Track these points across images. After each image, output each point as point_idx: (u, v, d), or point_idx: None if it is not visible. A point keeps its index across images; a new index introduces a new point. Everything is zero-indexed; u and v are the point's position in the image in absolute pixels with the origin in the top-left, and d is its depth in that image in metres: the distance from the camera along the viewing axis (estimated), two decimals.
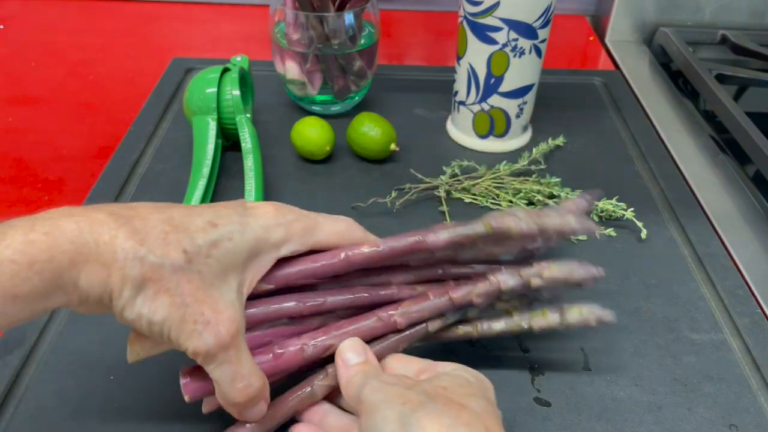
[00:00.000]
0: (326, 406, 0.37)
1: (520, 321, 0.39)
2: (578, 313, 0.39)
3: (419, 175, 0.58)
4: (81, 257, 0.28)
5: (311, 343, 0.36)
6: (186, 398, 0.34)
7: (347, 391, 0.34)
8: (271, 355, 0.36)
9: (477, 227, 0.38)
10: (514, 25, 0.55)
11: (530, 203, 0.56)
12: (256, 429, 0.36)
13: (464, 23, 0.58)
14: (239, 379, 0.32)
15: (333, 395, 0.38)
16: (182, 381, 0.34)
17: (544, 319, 0.39)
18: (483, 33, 0.57)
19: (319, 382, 0.37)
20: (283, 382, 0.37)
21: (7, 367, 0.41)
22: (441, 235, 0.38)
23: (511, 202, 0.56)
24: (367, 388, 0.32)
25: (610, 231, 0.53)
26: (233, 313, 0.31)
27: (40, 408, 0.39)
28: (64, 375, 0.41)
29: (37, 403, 0.40)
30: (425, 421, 0.28)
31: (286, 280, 0.37)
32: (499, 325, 0.39)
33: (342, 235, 0.37)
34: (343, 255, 0.37)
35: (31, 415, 0.39)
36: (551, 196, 0.55)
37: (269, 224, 0.34)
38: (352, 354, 0.35)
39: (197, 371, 0.34)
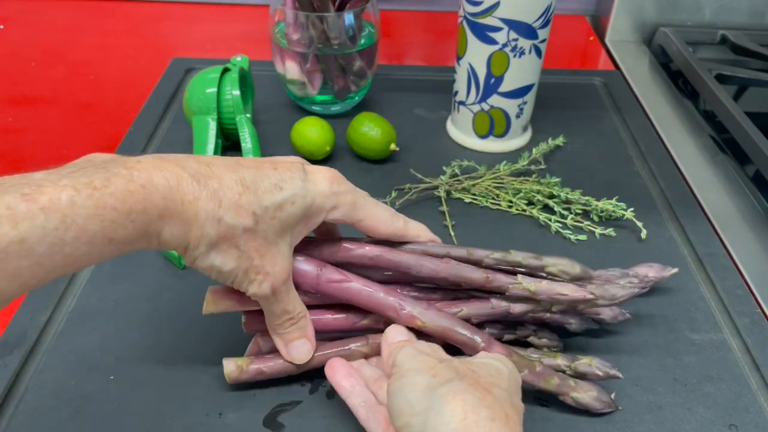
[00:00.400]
0: (362, 360, 0.40)
1: (532, 355, 0.41)
2: (588, 363, 0.40)
3: (419, 175, 0.58)
4: (168, 212, 0.31)
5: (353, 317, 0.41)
6: (245, 330, 0.40)
7: (388, 362, 0.36)
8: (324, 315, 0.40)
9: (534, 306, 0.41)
10: (514, 25, 0.55)
11: (530, 203, 0.56)
12: (286, 365, 0.39)
13: (464, 23, 0.58)
14: (285, 313, 0.37)
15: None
16: (243, 317, 0.40)
17: (554, 360, 0.41)
18: (483, 33, 0.57)
19: (357, 347, 0.40)
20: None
21: (7, 367, 0.41)
22: (508, 290, 0.40)
23: (511, 202, 0.56)
24: (401, 353, 0.34)
25: (610, 231, 0.53)
26: (287, 265, 0.36)
27: (40, 408, 0.39)
28: (64, 375, 0.41)
29: (37, 403, 0.40)
30: (450, 397, 0.30)
31: (358, 261, 0.40)
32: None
33: (384, 222, 0.39)
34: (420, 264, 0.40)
35: (31, 415, 0.39)
36: (551, 196, 0.55)
37: (326, 192, 0.37)
38: (396, 333, 0.38)
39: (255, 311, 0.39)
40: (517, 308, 0.40)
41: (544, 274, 0.41)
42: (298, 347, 0.39)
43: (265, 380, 0.40)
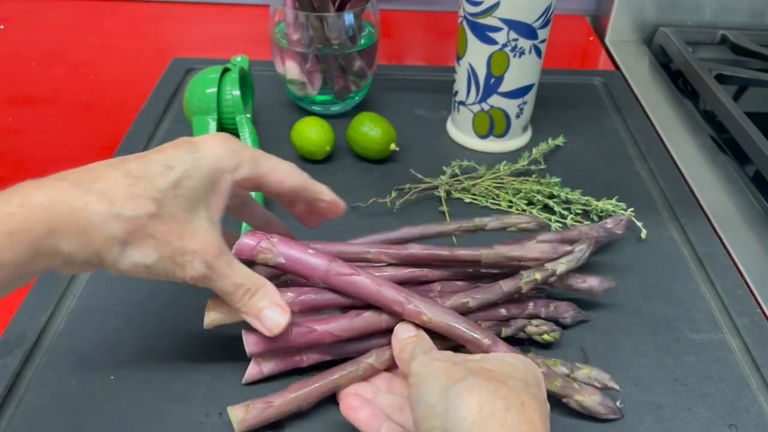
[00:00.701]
0: (376, 388, 0.39)
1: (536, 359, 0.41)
2: (587, 373, 0.41)
3: (419, 175, 0.58)
4: (57, 226, 0.30)
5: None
6: (248, 352, 0.39)
7: (400, 358, 0.37)
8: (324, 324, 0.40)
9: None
10: (514, 25, 0.55)
11: (530, 203, 0.56)
12: (297, 397, 0.38)
13: (464, 23, 0.58)
14: (238, 286, 0.36)
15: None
16: (245, 338, 0.39)
17: (554, 368, 0.41)
18: (483, 33, 0.57)
19: (365, 361, 0.39)
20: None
21: (7, 367, 0.41)
22: (481, 258, 0.42)
23: (511, 202, 0.56)
24: (415, 362, 0.34)
25: None
26: (212, 237, 0.35)
27: (40, 408, 0.39)
28: (64, 375, 0.41)
29: (37, 403, 0.40)
30: (465, 393, 0.30)
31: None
32: None
33: (289, 174, 0.39)
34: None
35: (31, 415, 0.39)
36: (551, 196, 0.55)
37: (220, 153, 0.36)
38: (404, 330, 0.38)
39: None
40: (525, 285, 0.42)
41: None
42: (268, 316, 0.37)
43: (276, 420, 0.38)
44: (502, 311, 0.43)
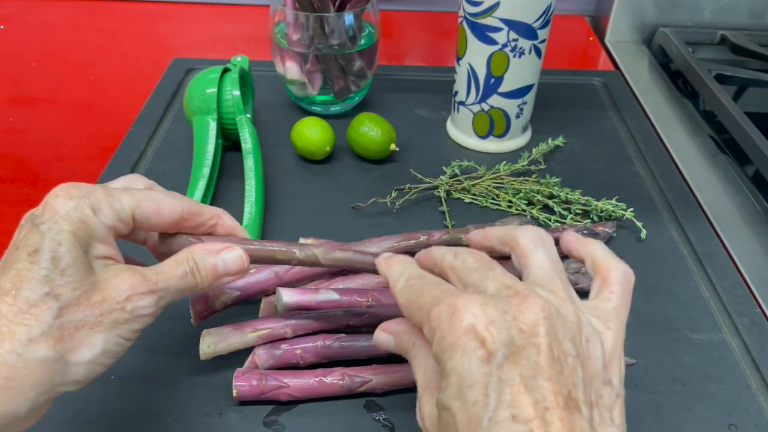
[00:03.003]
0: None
1: None
2: None
3: (419, 175, 0.58)
4: None
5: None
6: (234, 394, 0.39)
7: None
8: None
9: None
10: (514, 26, 0.55)
11: (530, 203, 0.56)
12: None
13: (464, 23, 0.58)
14: (185, 273, 0.33)
15: None
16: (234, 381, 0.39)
17: None
18: (483, 33, 0.57)
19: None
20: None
21: None
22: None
23: (510, 202, 0.56)
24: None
25: None
26: (126, 273, 0.31)
27: None
28: None
29: None
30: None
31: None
32: None
33: (167, 203, 0.34)
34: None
35: None
36: (551, 196, 0.55)
37: (69, 207, 0.30)
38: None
39: (247, 373, 0.39)
40: None
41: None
42: (226, 260, 0.34)
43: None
44: None
